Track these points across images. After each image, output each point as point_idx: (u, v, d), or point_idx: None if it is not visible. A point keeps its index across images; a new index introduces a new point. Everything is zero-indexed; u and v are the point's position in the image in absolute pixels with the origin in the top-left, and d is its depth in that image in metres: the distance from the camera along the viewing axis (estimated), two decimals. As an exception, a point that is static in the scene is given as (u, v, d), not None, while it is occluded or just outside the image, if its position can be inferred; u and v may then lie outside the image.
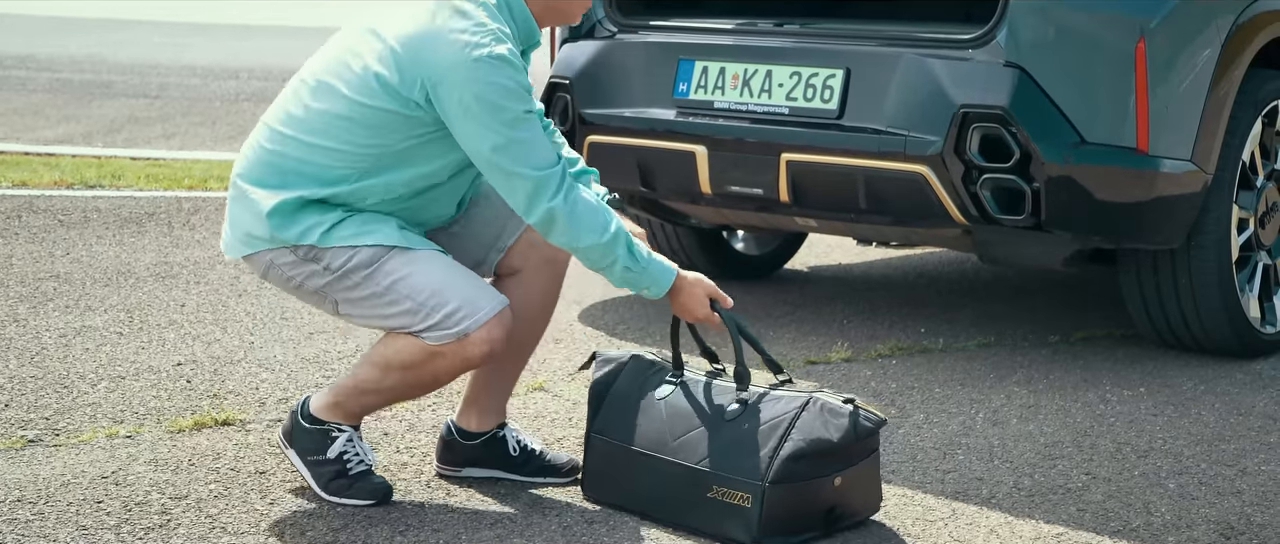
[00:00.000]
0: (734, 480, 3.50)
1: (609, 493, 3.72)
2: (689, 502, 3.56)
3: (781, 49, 5.05)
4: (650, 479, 3.63)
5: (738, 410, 3.58)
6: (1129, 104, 4.65)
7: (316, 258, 3.59)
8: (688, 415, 3.64)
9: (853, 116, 4.85)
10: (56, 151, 10.29)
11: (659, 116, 5.16)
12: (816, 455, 3.48)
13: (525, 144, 3.46)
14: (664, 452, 3.62)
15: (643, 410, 3.69)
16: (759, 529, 3.46)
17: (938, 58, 4.76)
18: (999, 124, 4.63)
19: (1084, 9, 4.68)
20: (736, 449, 3.53)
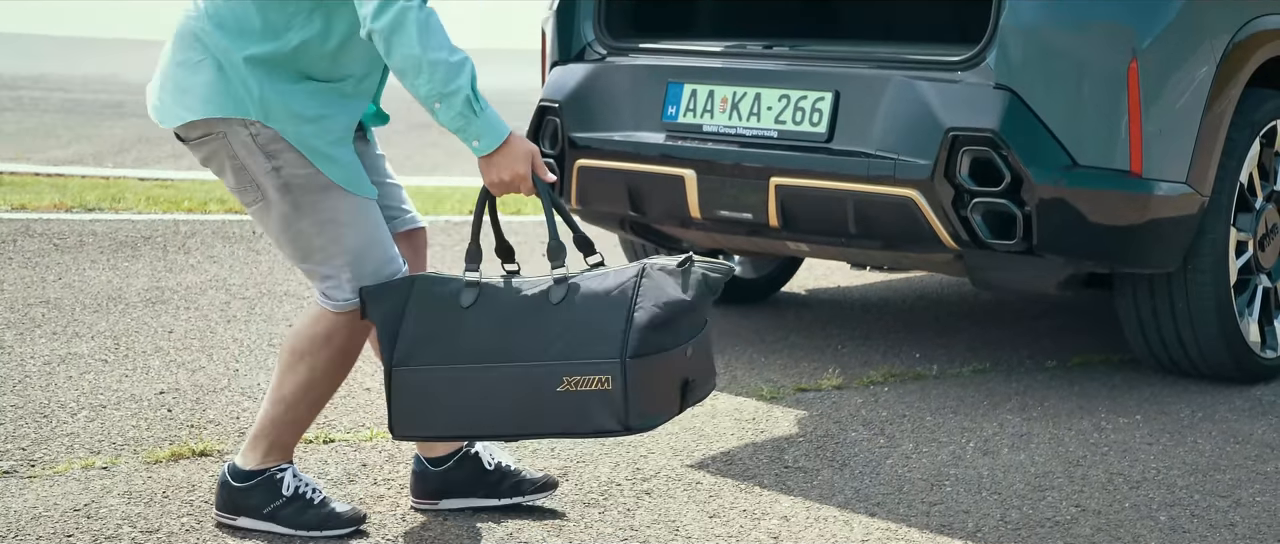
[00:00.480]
0: (588, 365, 3.25)
1: (431, 426, 3.43)
2: (536, 405, 3.29)
3: (771, 72, 4.99)
4: (483, 395, 3.34)
5: (563, 293, 3.33)
6: (1121, 126, 4.58)
7: (274, 155, 3.43)
8: (508, 314, 3.36)
9: (842, 140, 4.79)
10: (66, 172, 10.28)
11: (648, 140, 5.10)
12: (671, 321, 3.27)
13: None
14: (493, 359, 3.33)
15: (451, 326, 3.39)
16: (627, 411, 3.23)
17: (927, 80, 4.69)
18: (989, 147, 4.56)
19: (1075, 30, 4.61)
20: (580, 332, 3.27)
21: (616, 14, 5.38)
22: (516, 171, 3.40)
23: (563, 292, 3.34)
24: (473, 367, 3.36)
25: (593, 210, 5.36)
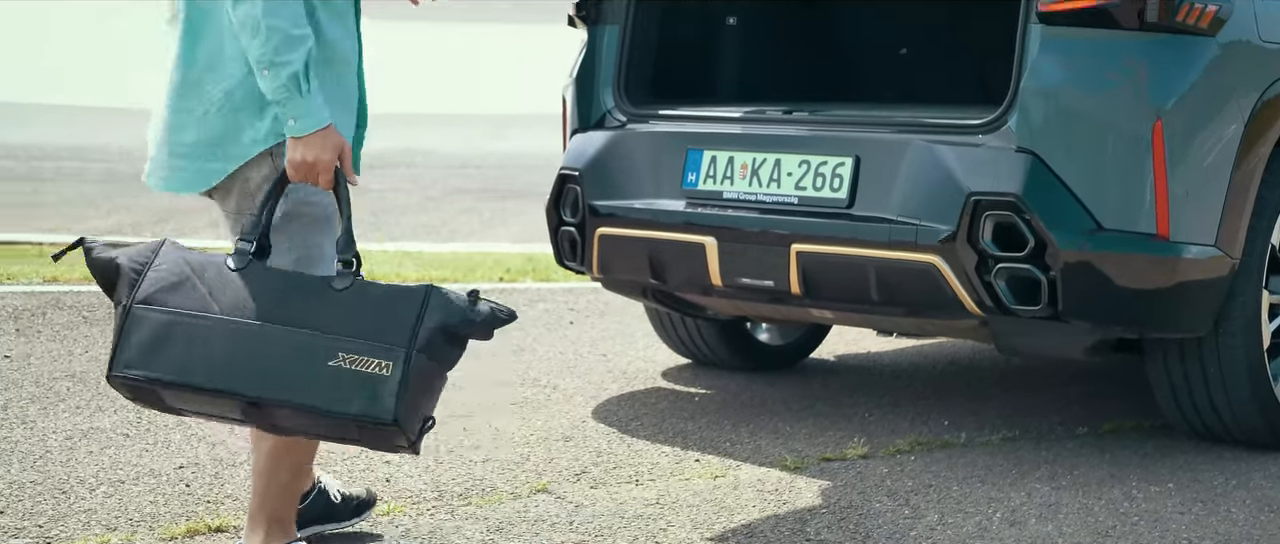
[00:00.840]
0: (371, 346, 3.24)
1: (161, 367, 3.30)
2: (300, 373, 3.23)
3: (790, 137, 4.94)
4: (240, 349, 3.26)
5: (349, 282, 3.34)
6: (1147, 188, 4.51)
7: (288, 191, 3.47)
8: (284, 285, 3.35)
9: (863, 205, 4.74)
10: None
11: (668, 208, 5.06)
12: (455, 336, 3.30)
13: None
14: (263, 317, 3.28)
15: (214, 276, 3.34)
16: (399, 402, 3.21)
17: (948, 144, 4.64)
18: (1012, 211, 4.50)
19: (1097, 92, 4.55)
20: (368, 315, 3.26)
21: (636, 81, 5.36)
22: (323, 158, 3.38)
23: (349, 281, 3.34)
24: (230, 318, 3.30)
25: (614, 279, 5.32)
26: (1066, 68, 4.56)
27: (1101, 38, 4.55)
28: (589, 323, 6.70)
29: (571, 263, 5.36)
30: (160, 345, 3.31)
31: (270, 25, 3.34)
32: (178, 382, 3.31)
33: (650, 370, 5.95)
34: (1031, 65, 4.57)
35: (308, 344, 3.26)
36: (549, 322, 6.73)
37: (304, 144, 3.39)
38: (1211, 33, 4.61)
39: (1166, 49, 4.56)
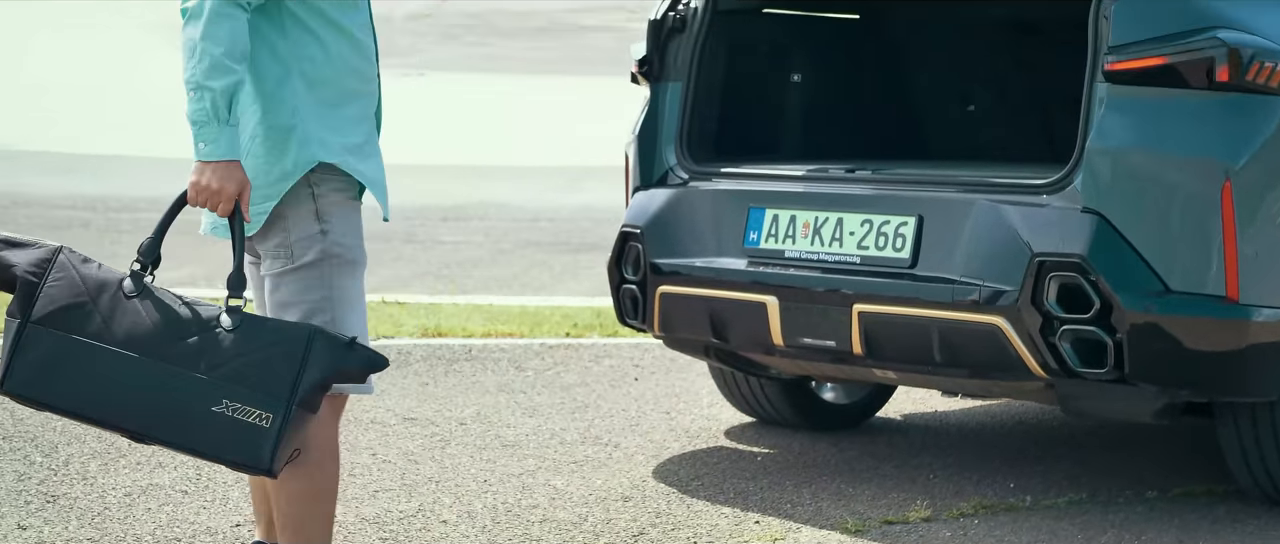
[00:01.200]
0: (255, 396, 3.39)
1: (53, 393, 3.43)
2: (182, 413, 3.37)
3: (853, 196, 4.90)
4: (129, 383, 3.38)
5: (237, 322, 3.45)
6: (1216, 250, 4.43)
7: (325, 219, 3.65)
8: (174, 320, 3.44)
9: (926, 266, 4.69)
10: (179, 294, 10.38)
11: (729, 266, 5.03)
12: (329, 385, 3.48)
13: None
14: (148, 353, 3.39)
15: (107, 304, 3.44)
16: (273, 453, 3.38)
17: (1012, 204, 4.59)
18: (1077, 273, 4.44)
19: (1165, 151, 4.48)
20: (254, 363, 3.40)
21: (698, 138, 5.33)
22: (227, 188, 3.49)
23: (237, 320, 3.46)
24: (122, 352, 3.40)
25: (676, 337, 5.28)
26: (1133, 127, 4.50)
27: (1169, 97, 4.49)
28: (654, 379, 6.66)
29: (633, 321, 5.32)
30: (52, 370, 3.42)
31: (205, 49, 3.46)
32: (67, 409, 3.46)
33: (713, 428, 5.90)
34: (1098, 124, 4.51)
35: (194, 387, 3.38)
36: (614, 378, 6.69)
37: (211, 170, 3.49)
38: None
39: (1236, 109, 4.49)
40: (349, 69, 3.71)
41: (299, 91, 3.66)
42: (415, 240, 12.04)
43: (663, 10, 5.43)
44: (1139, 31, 4.50)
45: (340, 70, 3.70)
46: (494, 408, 6.13)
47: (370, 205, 3.85)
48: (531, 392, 6.42)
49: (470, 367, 6.87)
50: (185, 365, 3.39)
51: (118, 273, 3.52)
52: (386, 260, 10.94)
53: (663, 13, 5.42)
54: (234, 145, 3.49)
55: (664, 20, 5.40)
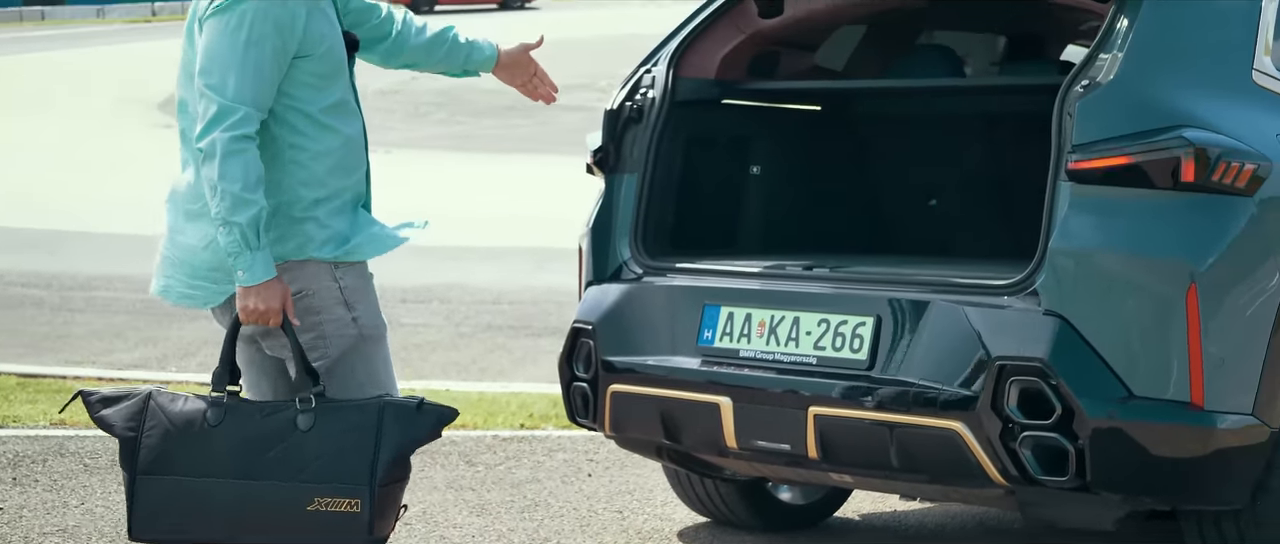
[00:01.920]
0: (340, 488, 3.78)
1: (175, 531, 3.87)
2: (284, 519, 3.78)
3: (810, 294, 4.78)
4: (234, 506, 3.81)
5: (310, 420, 3.83)
6: (1181, 354, 4.31)
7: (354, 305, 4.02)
8: (259, 436, 3.83)
9: (883, 368, 4.56)
10: (128, 376, 10.19)
11: (682, 365, 4.89)
12: (407, 455, 3.87)
13: (230, 70, 3.84)
14: (247, 475, 3.81)
15: (201, 440, 3.84)
16: (370, 532, 3.78)
17: (972, 305, 4.47)
18: (1038, 377, 4.31)
19: (1129, 253, 4.37)
20: (332, 459, 3.79)
21: (654, 232, 5.20)
22: (272, 306, 3.85)
23: (310, 420, 3.84)
24: (222, 481, 3.82)
25: (627, 437, 5.13)
26: (1097, 228, 4.39)
27: (1134, 197, 4.38)
28: (608, 475, 6.51)
29: (584, 420, 5.17)
30: (166, 512, 3.88)
31: (223, 189, 3.82)
32: (185, 540, 3.90)
33: (667, 529, 5.74)
34: (1060, 225, 4.40)
35: (288, 495, 3.81)
36: (566, 473, 6.53)
37: (254, 293, 3.85)
38: (1249, 192, 4.43)
39: (1202, 210, 4.39)
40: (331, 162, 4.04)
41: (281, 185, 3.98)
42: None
43: (619, 99, 5.32)
44: (1103, 130, 4.40)
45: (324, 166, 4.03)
46: (441, 506, 5.96)
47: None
48: (481, 488, 6.26)
49: (419, 460, 6.66)
50: (276, 477, 3.81)
51: (201, 404, 3.90)
52: (346, 343, 10.78)
53: (619, 102, 5.31)
54: (268, 266, 3.86)
55: (620, 110, 5.28)
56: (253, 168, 3.84)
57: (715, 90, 5.39)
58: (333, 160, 4.06)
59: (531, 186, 20.42)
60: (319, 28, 4.00)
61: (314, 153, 4.03)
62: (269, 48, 3.89)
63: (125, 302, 13.81)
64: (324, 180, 4.04)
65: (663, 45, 5.34)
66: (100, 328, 12.13)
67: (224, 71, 3.85)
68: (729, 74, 5.39)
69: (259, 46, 3.88)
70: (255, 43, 3.88)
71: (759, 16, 5.37)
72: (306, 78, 3.99)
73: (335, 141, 4.05)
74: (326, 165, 4.04)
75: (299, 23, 3.94)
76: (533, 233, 16.97)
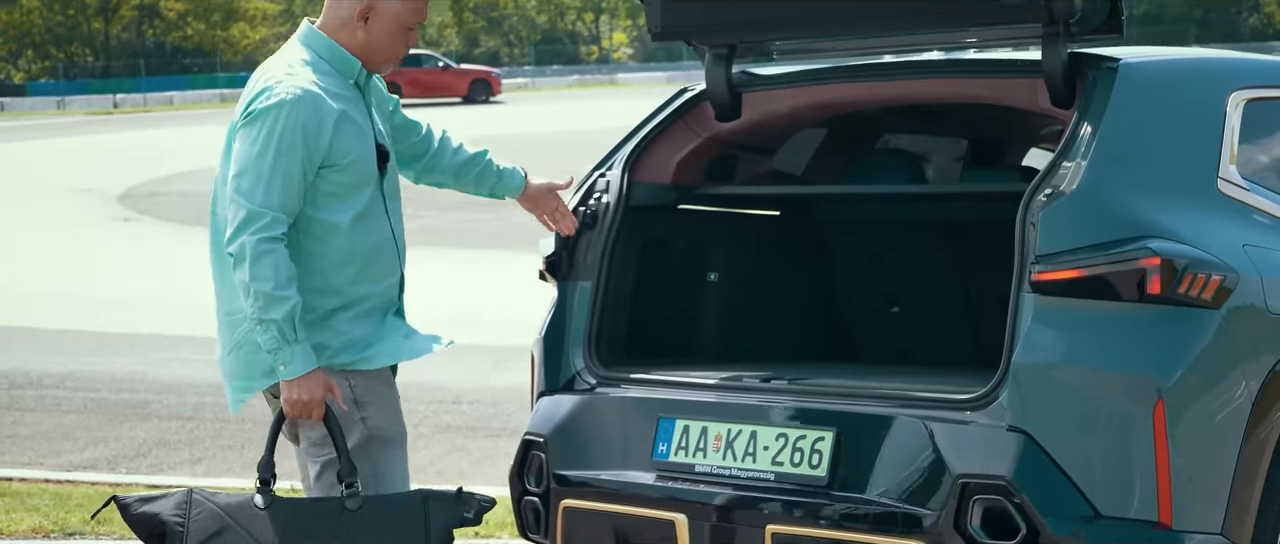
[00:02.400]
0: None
1: None
2: None
3: (767, 408, 4.66)
4: None
5: (358, 502, 4.04)
6: (1147, 472, 4.20)
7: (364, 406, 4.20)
8: (310, 517, 4.04)
9: (842, 485, 4.43)
10: (77, 479, 10.03)
11: (636, 480, 4.76)
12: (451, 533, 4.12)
13: (261, 177, 4.04)
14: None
15: (251, 521, 4.01)
16: None
17: (935, 420, 4.35)
18: (1002, 496, 4.19)
19: (1094, 368, 4.26)
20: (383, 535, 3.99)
21: (608, 341, 5.07)
22: (316, 396, 4.06)
23: (358, 502, 4.04)
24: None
25: None
26: (1061, 341, 4.28)
27: (1099, 310, 4.28)
28: (563, 587, 6.33)
29: (535, 535, 5.02)
30: None
31: (256, 289, 3.99)
32: None
33: (622, 646, 5.57)
34: (1024, 338, 4.29)
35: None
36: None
37: (297, 386, 4.05)
38: (1216, 304, 4.34)
39: (1168, 323, 4.29)
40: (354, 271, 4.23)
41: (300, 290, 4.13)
42: (333, 422, 11.78)
43: (572, 204, 5.21)
44: (1067, 240, 4.30)
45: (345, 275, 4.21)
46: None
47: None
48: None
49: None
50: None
51: (246, 495, 4.09)
52: (298, 444, 10.64)
53: (573, 207, 5.20)
54: (309, 358, 4.06)
55: (573, 215, 5.17)
56: (283, 266, 4.02)
57: (671, 195, 5.29)
58: (355, 269, 4.23)
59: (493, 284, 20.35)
60: (346, 140, 4.19)
61: (335, 262, 4.21)
62: (298, 157, 4.10)
63: (76, 400, 13.63)
64: (343, 289, 4.23)
65: (617, 148, 5.25)
66: (50, 428, 11.94)
67: (254, 178, 4.06)
68: (685, 178, 5.30)
69: (289, 156, 4.08)
70: (284, 152, 4.08)
71: (716, 120, 5.29)
72: (330, 187, 4.18)
73: (359, 250, 4.23)
74: (348, 274, 4.22)
75: (325, 134, 4.14)
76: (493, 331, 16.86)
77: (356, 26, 4.33)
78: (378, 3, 4.34)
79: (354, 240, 4.21)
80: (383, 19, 4.34)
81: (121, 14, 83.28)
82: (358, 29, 4.33)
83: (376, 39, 4.34)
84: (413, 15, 4.40)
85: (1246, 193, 4.67)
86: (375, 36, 4.34)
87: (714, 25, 5.13)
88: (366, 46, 4.34)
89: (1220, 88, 4.79)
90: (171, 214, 25.57)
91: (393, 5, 4.35)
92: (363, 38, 4.33)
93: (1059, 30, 4.63)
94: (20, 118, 46.16)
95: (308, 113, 4.11)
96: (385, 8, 4.34)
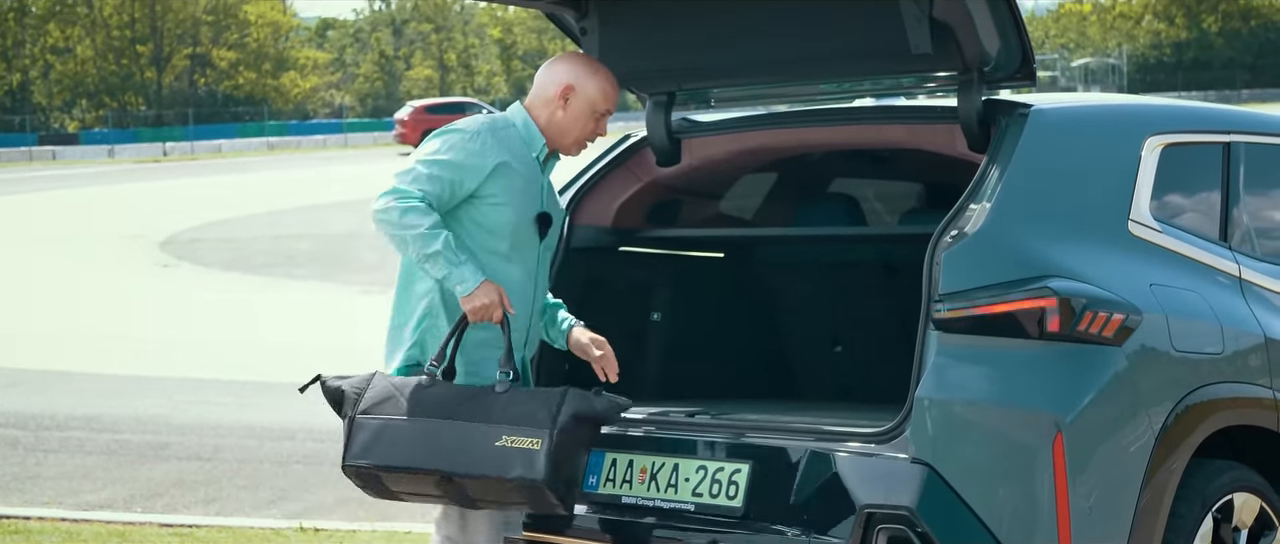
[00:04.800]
0: (525, 429, 4.43)
1: (380, 456, 4.52)
2: (478, 451, 4.39)
3: (690, 441, 4.83)
4: (434, 438, 4.47)
5: (506, 384, 4.54)
6: (1048, 504, 4.33)
7: None
8: (460, 390, 4.57)
9: (757, 515, 4.59)
10: (91, 518, 10.20)
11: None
12: (584, 419, 4.49)
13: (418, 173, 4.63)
14: (448, 415, 4.49)
15: (412, 392, 4.55)
16: (547, 467, 4.39)
17: (844, 453, 4.50)
18: (905, 525, 4.35)
19: (996, 403, 4.40)
20: (521, 407, 4.47)
21: (548, 378, 5.24)
22: (491, 299, 4.60)
23: (507, 387, 4.56)
24: (425, 419, 4.51)
25: None
26: (964, 377, 4.43)
27: (1000, 347, 4.43)
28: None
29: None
30: (376, 441, 4.56)
31: (412, 234, 4.55)
32: (390, 465, 4.53)
33: None
34: (928, 374, 4.44)
35: (481, 430, 4.47)
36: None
37: (474, 295, 4.58)
38: (1118, 343, 4.48)
39: (1068, 360, 4.43)
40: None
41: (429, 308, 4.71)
42: (348, 464, 11.95)
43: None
44: (970, 279, 4.45)
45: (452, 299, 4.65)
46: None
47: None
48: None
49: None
50: (472, 419, 4.48)
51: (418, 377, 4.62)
52: (313, 485, 10.83)
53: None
54: (475, 271, 4.59)
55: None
56: (428, 214, 4.55)
57: (611, 237, 5.46)
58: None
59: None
60: (500, 185, 4.71)
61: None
62: (452, 171, 4.65)
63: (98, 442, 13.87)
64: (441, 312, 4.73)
65: (561, 193, 5.42)
66: (71, 469, 12.17)
67: (413, 171, 4.63)
68: (626, 221, 5.47)
69: (445, 167, 4.65)
70: (443, 163, 4.65)
71: (657, 165, 5.47)
72: (481, 217, 4.70)
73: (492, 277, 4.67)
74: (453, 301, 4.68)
75: (484, 169, 4.69)
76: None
77: (556, 105, 4.83)
78: (580, 84, 4.83)
79: (490, 270, 4.68)
80: (579, 101, 4.82)
81: (174, 63, 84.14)
82: (557, 107, 4.83)
83: (570, 118, 4.82)
84: (604, 101, 4.87)
85: (1158, 234, 4.79)
86: (570, 116, 4.82)
87: (649, 73, 5.32)
88: (560, 125, 4.82)
89: (1136, 133, 4.93)
90: (211, 260, 25.90)
91: (590, 90, 4.82)
92: (559, 116, 4.82)
93: (974, 77, 4.79)
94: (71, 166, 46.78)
95: (475, 145, 4.69)
96: (583, 91, 4.82)
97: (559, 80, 4.84)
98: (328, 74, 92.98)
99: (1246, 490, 4.80)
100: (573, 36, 5.31)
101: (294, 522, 8.74)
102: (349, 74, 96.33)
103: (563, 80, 4.84)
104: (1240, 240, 5.08)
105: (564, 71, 4.86)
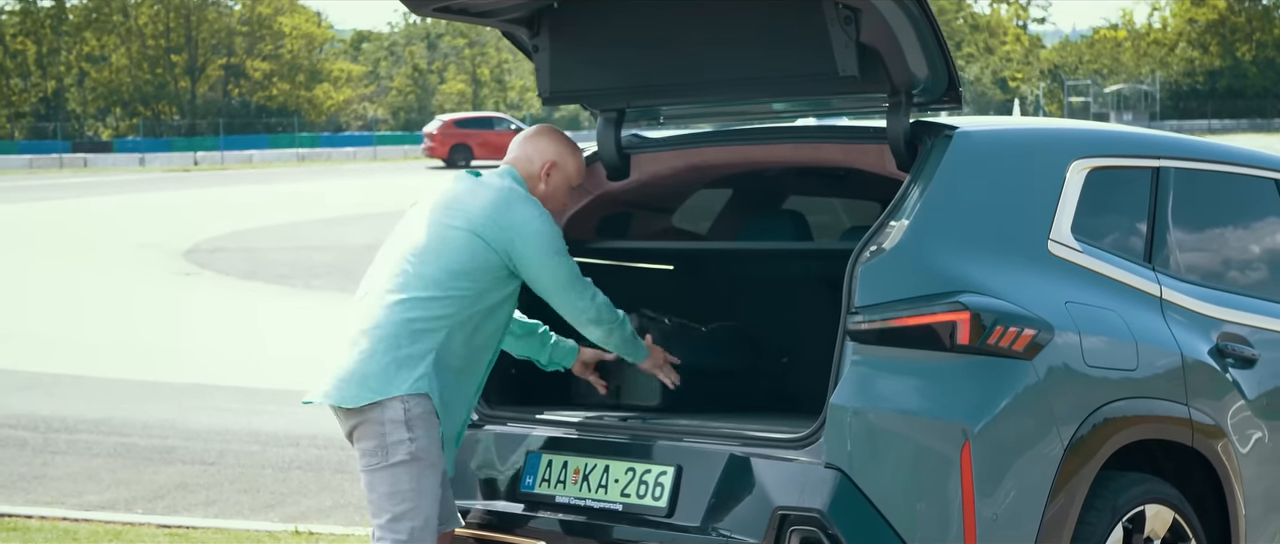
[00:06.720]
0: None
1: None
2: None
3: (621, 444, 5.02)
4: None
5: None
6: (955, 511, 4.50)
7: (412, 427, 4.82)
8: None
9: (682, 515, 4.78)
10: (90, 518, 10.39)
11: (506, 510, 5.14)
12: None
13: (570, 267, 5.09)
14: None
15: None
16: None
17: (763, 458, 4.69)
18: (817, 528, 4.52)
19: (906, 411, 4.58)
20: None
21: (497, 383, 5.42)
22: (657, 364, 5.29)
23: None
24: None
25: None
26: (876, 387, 4.60)
27: (914, 358, 4.60)
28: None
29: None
30: None
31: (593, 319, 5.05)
32: None
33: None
34: (842, 383, 4.62)
35: None
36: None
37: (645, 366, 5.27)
38: (1028, 357, 4.64)
39: (978, 372, 4.59)
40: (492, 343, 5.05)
41: (448, 347, 4.89)
42: (345, 470, 12.10)
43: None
44: (884, 293, 4.62)
45: (458, 338, 4.94)
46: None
47: None
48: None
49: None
50: None
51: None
52: (312, 490, 11.02)
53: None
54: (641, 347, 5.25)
55: None
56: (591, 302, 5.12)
57: (560, 249, 5.63)
58: (467, 333, 4.95)
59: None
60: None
61: (460, 320, 4.92)
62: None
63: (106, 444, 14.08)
64: (458, 349, 4.95)
65: (512, 205, 5.59)
66: (76, 470, 12.37)
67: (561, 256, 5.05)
68: (576, 233, 5.66)
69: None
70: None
71: (607, 179, 5.66)
72: (496, 271, 4.97)
73: (480, 322, 4.97)
74: (460, 337, 4.94)
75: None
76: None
77: (540, 179, 5.15)
78: (561, 161, 5.18)
79: (497, 333, 5.02)
80: (558, 176, 5.18)
81: (208, 73, 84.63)
82: (541, 181, 5.15)
83: (551, 192, 5.17)
84: (578, 175, 5.25)
85: (1078, 254, 4.95)
86: (550, 189, 5.17)
87: (599, 90, 5.52)
88: (541, 196, 5.13)
89: (1062, 156, 5.09)
90: (231, 269, 26.10)
91: (570, 167, 5.21)
92: (542, 189, 5.15)
93: (902, 100, 4.97)
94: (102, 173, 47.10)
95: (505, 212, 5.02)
96: (564, 168, 5.19)
97: (545, 157, 5.16)
98: (362, 86, 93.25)
99: (1159, 502, 4.95)
100: (526, 53, 5.51)
101: (290, 525, 8.93)
102: (382, 87, 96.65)
103: (548, 157, 5.16)
104: (1164, 262, 5.24)
105: (549, 148, 5.17)
